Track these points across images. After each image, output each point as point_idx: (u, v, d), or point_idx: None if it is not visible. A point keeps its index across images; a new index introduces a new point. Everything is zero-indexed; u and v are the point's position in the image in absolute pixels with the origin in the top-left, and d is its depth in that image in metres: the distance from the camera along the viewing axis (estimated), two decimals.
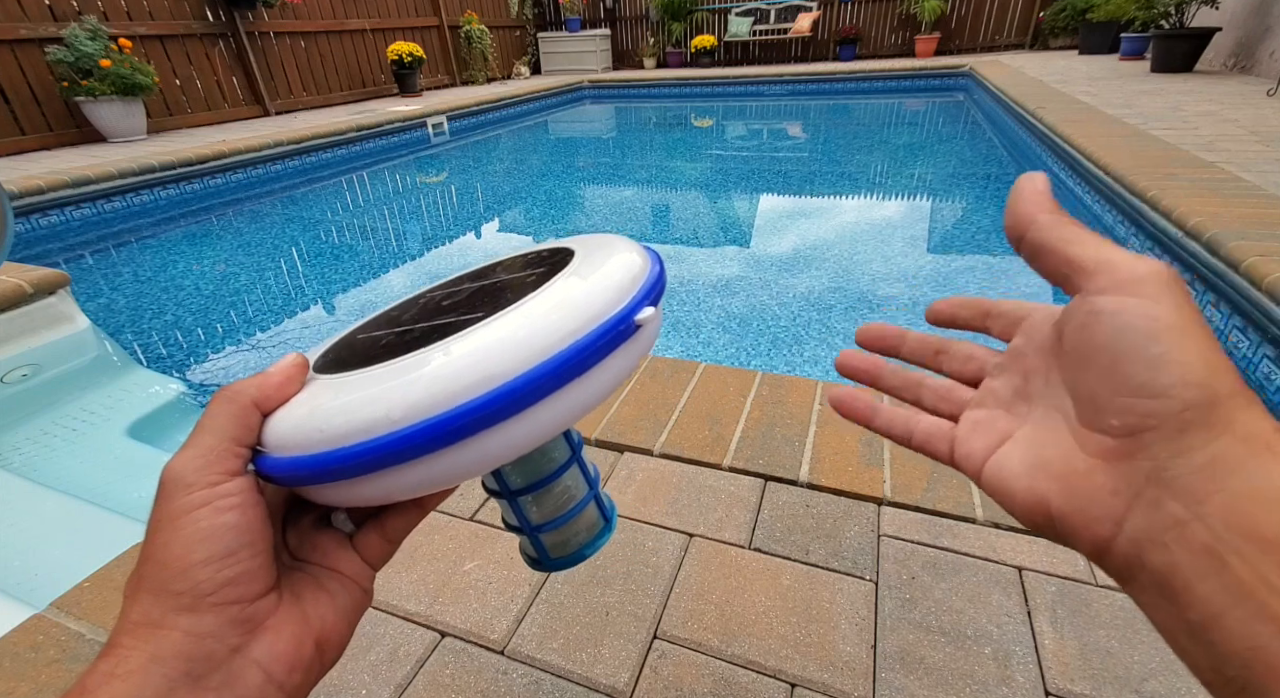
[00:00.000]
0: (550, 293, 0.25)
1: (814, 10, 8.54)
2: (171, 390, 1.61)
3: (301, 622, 0.24)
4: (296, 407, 0.25)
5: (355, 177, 4.41)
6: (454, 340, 0.24)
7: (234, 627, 0.22)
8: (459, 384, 0.22)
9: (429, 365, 0.23)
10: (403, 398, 0.22)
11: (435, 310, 0.29)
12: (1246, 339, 1.46)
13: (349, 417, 0.22)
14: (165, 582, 0.21)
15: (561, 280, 0.26)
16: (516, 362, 0.23)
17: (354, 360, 0.26)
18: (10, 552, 1.05)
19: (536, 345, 0.23)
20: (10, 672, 0.68)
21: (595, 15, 9.72)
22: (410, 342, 0.26)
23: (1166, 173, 2.15)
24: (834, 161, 4.37)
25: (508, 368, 0.22)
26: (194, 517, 0.22)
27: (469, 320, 0.25)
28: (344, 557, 0.28)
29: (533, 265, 0.30)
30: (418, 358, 0.24)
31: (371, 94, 6.95)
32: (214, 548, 0.22)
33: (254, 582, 0.23)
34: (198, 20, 5.21)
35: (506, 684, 0.66)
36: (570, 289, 0.26)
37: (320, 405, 0.24)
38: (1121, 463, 0.19)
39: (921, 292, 2.11)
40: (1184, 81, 4.59)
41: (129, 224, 3.36)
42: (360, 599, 0.28)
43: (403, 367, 0.23)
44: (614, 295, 0.26)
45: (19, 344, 1.57)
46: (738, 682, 0.65)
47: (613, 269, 0.27)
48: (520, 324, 0.24)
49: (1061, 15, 7.27)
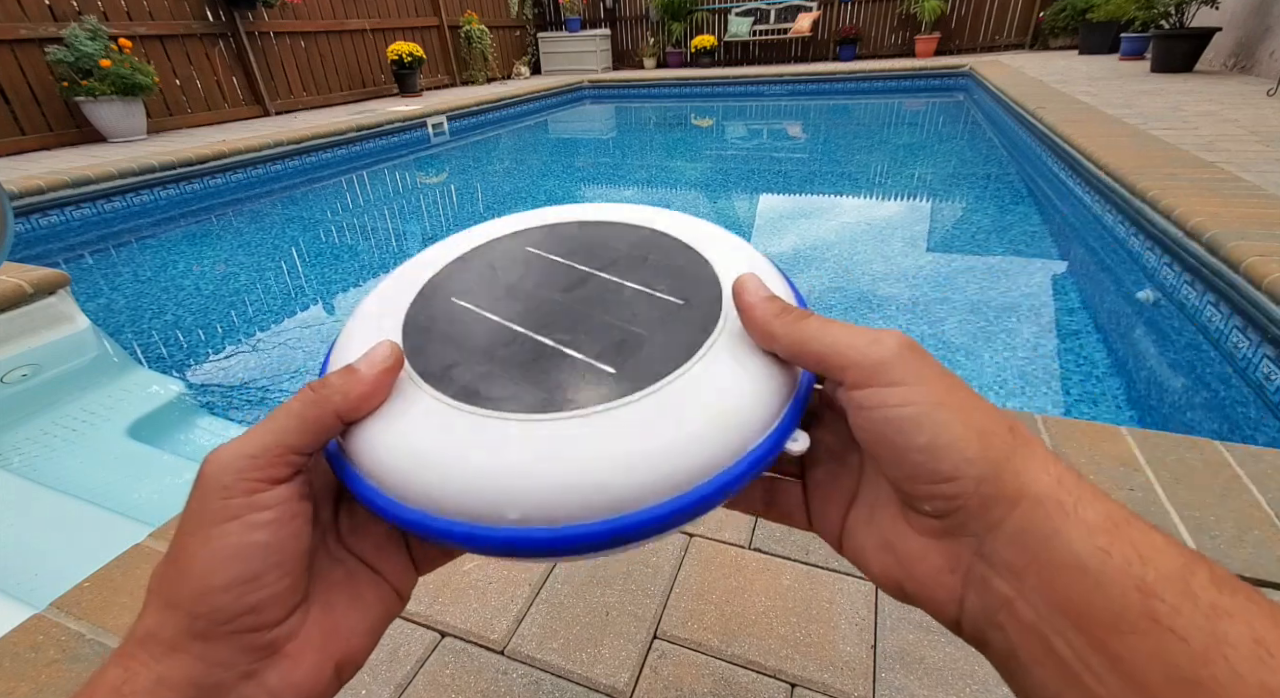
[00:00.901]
0: (708, 387, 0.21)
1: (814, 10, 8.54)
2: (171, 390, 1.61)
3: (325, 645, 0.22)
4: (398, 432, 0.21)
5: (355, 177, 4.41)
6: (592, 421, 0.20)
7: (249, 654, 0.20)
8: (600, 501, 0.19)
9: (566, 464, 0.20)
10: (531, 501, 0.19)
11: (554, 310, 0.25)
12: (1246, 339, 1.46)
13: (463, 499, 0.20)
14: (183, 599, 0.20)
15: (718, 365, 0.22)
16: (666, 488, 0.20)
17: (465, 364, 0.23)
18: (10, 552, 1.05)
19: (693, 468, 0.20)
20: (10, 672, 0.68)
21: (595, 15, 9.72)
22: (530, 367, 0.22)
23: (1167, 173, 2.15)
24: (834, 162, 4.37)
25: (652, 493, 0.19)
26: (223, 530, 0.20)
27: (603, 372, 0.22)
28: (393, 555, 0.26)
29: (667, 278, 0.26)
30: (551, 442, 0.20)
31: (371, 94, 6.95)
32: (239, 570, 0.20)
33: (278, 607, 0.21)
34: (198, 20, 5.20)
35: (506, 684, 0.66)
36: (730, 390, 0.21)
37: (430, 458, 0.20)
38: (948, 541, 0.20)
39: (921, 292, 2.11)
40: (1184, 81, 4.59)
41: (129, 224, 3.36)
42: (393, 609, 0.25)
43: (535, 449, 0.20)
44: (775, 400, 0.22)
45: (19, 344, 1.57)
46: (738, 682, 0.65)
47: (758, 370, 0.22)
48: (676, 437, 0.20)
49: (1061, 15, 7.27)
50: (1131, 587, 0.16)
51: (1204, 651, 0.15)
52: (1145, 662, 0.15)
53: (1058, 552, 0.17)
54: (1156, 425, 1.42)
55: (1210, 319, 1.63)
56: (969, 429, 0.19)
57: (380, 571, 0.25)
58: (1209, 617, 0.15)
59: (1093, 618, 0.16)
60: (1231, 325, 1.53)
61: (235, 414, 1.62)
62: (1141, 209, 2.01)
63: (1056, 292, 2.06)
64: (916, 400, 0.19)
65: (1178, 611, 0.15)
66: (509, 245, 0.30)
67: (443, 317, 0.26)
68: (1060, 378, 1.58)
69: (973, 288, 2.11)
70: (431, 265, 0.29)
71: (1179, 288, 1.80)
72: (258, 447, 0.21)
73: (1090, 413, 1.46)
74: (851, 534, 0.24)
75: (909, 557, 0.21)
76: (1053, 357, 1.67)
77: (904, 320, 1.91)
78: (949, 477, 0.19)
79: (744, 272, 0.25)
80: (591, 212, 0.32)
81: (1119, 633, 0.16)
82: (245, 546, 0.20)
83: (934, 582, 0.20)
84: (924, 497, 0.20)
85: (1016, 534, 0.18)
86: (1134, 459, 0.90)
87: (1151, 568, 0.16)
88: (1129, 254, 2.14)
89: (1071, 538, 0.17)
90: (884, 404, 0.20)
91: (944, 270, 2.30)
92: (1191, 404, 1.50)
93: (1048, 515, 0.18)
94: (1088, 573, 0.16)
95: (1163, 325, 1.80)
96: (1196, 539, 0.77)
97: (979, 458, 0.19)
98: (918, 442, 0.19)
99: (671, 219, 0.31)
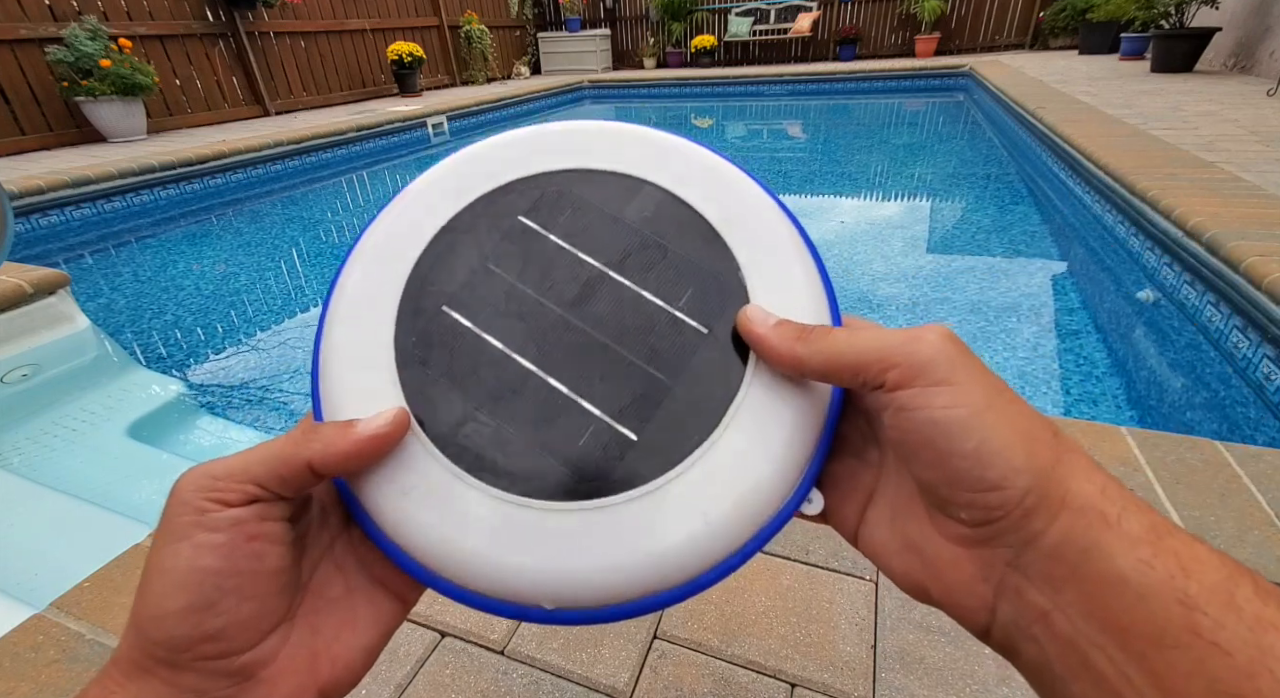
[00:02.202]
0: (733, 467, 0.21)
1: (814, 10, 8.54)
2: (171, 390, 1.61)
3: (308, 669, 0.21)
4: (421, 509, 0.21)
5: (355, 177, 4.41)
6: (619, 513, 0.21)
7: (219, 679, 0.19)
8: (629, 591, 0.20)
9: (597, 559, 0.20)
10: (564, 595, 0.20)
11: (564, 336, 0.23)
12: (1246, 339, 1.46)
13: (494, 587, 0.20)
14: (143, 622, 0.19)
15: (743, 436, 0.22)
16: (689, 573, 0.20)
17: (475, 420, 0.22)
18: (10, 552, 1.05)
19: (715, 551, 0.20)
20: (10, 672, 0.68)
21: (595, 15, 9.72)
22: (547, 427, 0.22)
23: (1167, 173, 2.15)
24: (834, 161, 4.37)
25: (676, 578, 0.20)
26: (175, 551, 0.19)
27: (626, 439, 0.21)
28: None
29: (690, 284, 0.24)
30: (581, 539, 0.20)
31: (371, 94, 6.95)
32: (190, 598, 0.19)
33: (245, 633, 0.20)
34: (198, 20, 5.20)
35: (506, 685, 0.66)
36: (754, 467, 0.21)
37: (459, 545, 0.21)
38: (981, 550, 0.19)
39: (921, 292, 2.11)
40: (1184, 81, 4.59)
41: (129, 224, 3.36)
42: (390, 626, 0.24)
43: (565, 547, 0.20)
44: (799, 464, 0.22)
45: (19, 344, 1.57)
46: (738, 682, 0.65)
47: (800, 413, 0.22)
48: (701, 531, 0.21)
49: (1061, 15, 7.27)
50: (1174, 601, 0.16)
51: (1248, 664, 0.15)
52: (1187, 677, 0.15)
53: (1099, 564, 0.17)
54: (1156, 425, 1.42)
55: (1210, 319, 1.63)
56: (1016, 435, 0.18)
57: (387, 576, 0.24)
58: (1253, 630, 0.15)
59: (1134, 632, 0.16)
60: (1231, 325, 1.53)
61: (235, 414, 1.62)
62: (1141, 209, 2.01)
63: (1056, 292, 2.06)
64: (965, 402, 0.19)
65: (1221, 624, 0.15)
66: (499, 214, 0.26)
67: (439, 336, 0.23)
68: (1060, 378, 1.58)
69: (973, 288, 2.11)
70: (414, 238, 0.25)
71: (1179, 288, 1.80)
72: (223, 470, 0.20)
73: (1090, 413, 1.46)
74: (870, 532, 0.23)
75: (938, 563, 0.20)
76: (1053, 357, 1.67)
77: (904, 320, 1.91)
78: (995, 486, 0.18)
79: (762, 291, 0.24)
80: (586, 148, 0.27)
81: (1161, 648, 0.15)
82: (195, 570, 0.19)
83: (964, 590, 0.20)
84: (963, 504, 0.19)
85: (1056, 547, 0.17)
86: (1134, 459, 0.90)
87: (1194, 581, 0.16)
88: (1129, 254, 2.14)
89: (1114, 551, 0.17)
90: (930, 405, 0.19)
91: (944, 270, 2.30)
92: (1191, 404, 1.50)
93: (1089, 526, 0.17)
94: (1129, 586, 0.16)
95: (1163, 325, 1.80)
96: None
97: (1026, 468, 0.18)
98: (964, 447, 0.18)
99: (684, 166, 0.26)
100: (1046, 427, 0.19)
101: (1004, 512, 0.18)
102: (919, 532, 0.21)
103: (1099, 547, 0.17)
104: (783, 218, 0.26)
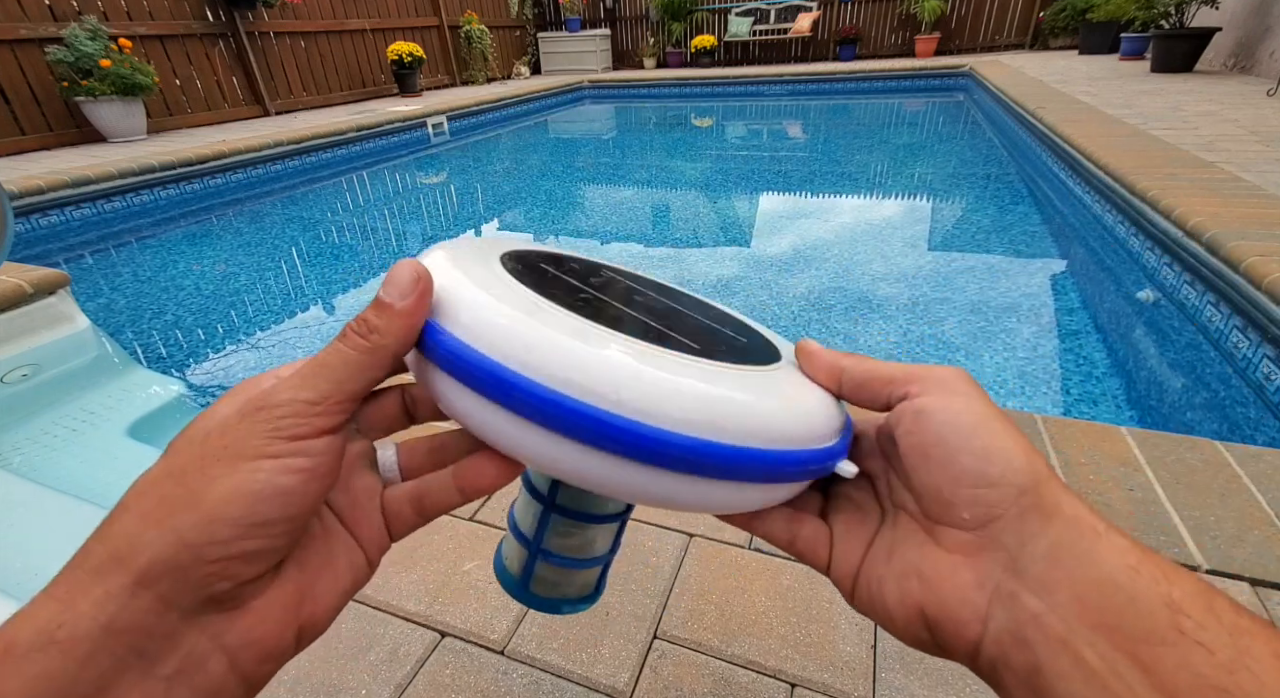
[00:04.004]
0: (790, 384, 0.24)
1: (814, 10, 8.54)
2: (171, 390, 1.61)
3: (293, 605, 0.21)
4: (505, 303, 0.21)
5: (355, 177, 4.41)
6: (701, 364, 0.22)
7: (210, 604, 0.18)
8: (701, 416, 0.20)
9: (694, 373, 0.21)
10: (647, 392, 0.19)
11: (634, 304, 0.26)
12: (1246, 339, 1.46)
13: (578, 372, 0.19)
14: (183, 523, 0.18)
15: (794, 374, 0.25)
16: (767, 435, 0.21)
17: (583, 304, 0.23)
18: (10, 552, 1.05)
19: (772, 431, 0.21)
20: None
21: (595, 15, 9.72)
22: (646, 327, 0.24)
23: (1167, 173, 2.15)
24: (834, 161, 4.37)
25: (759, 435, 0.21)
26: (255, 466, 0.18)
27: (695, 349, 0.23)
28: (369, 514, 0.24)
29: (727, 323, 0.29)
30: (680, 358, 0.21)
31: (371, 94, 6.95)
32: (257, 510, 0.18)
33: (264, 561, 0.19)
34: (198, 20, 5.21)
35: (506, 685, 0.66)
36: (806, 395, 0.24)
37: (543, 333, 0.20)
38: (980, 556, 0.21)
39: (921, 292, 2.11)
40: (1184, 81, 4.59)
41: (129, 224, 3.36)
42: (360, 577, 0.24)
43: (662, 356, 0.21)
44: (837, 418, 0.25)
45: (19, 344, 1.57)
46: (738, 682, 0.65)
47: (823, 396, 0.25)
48: (789, 399, 0.23)
49: (1061, 15, 7.27)
50: (1160, 603, 0.17)
51: (1229, 662, 0.16)
52: (1174, 671, 0.16)
53: (1091, 569, 0.18)
54: (1156, 425, 1.42)
55: (1210, 319, 1.63)
56: (1016, 443, 0.21)
57: (354, 531, 0.24)
58: (1232, 634, 0.17)
59: (1124, 631, 0.17)
60: (1231, 325, 1.53)
61: None
62: (1141, 209, 2.01)
63: (1056, 292, 2.06)
64: (975, 410, 0.22)
65: (1203, 626, 0.17)
66: (550, 256, 0.29)
67: (532, 268, 0.26)
68: (1060, 378, 1.58)
69: (973, 288, 2.11)
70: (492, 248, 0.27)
71: (1179, 288, 1.80)
72: (316, 393, 0.20)
73: (1090, 413, 1.46)
74: (867, 574, 0.25)
75: (936, 576, 0.21)
76: (1053, 357, 1.67)
77: (904, 320, 1.91)
78: (994, 482, 0.20)
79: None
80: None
81: (1150, 644, 0.17)
82: (272, 487, 0.18)
83: (959, 600, 0.21)
84: (966, 502, 0.21)
85: (1051, 550, 0.19)
86: (1134, 459, 0.90)
87: (1177, 587, 0.17)
88: (1129, 254, 2.14)
89: (1105, 556, 0.18)
90: (948, 408, 0.22)
91: (944, 270, 2.30)
92: (1191, 404, 1.50)
93: (1082, 535, 0.19)
94: (1120, 589, 0.18)
95: (1163, 325, 1.80)
96: (1196, 539, 0.77)
97: (1024, 468, 0.20)
98: (973, 444, 0.21)
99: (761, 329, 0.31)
100: (1039, 455, 0.22)
101: (1001, 509, 0.20)
102: (919, 554, 0.23)
103: (1092, 553, 0.18)
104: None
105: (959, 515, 0.21)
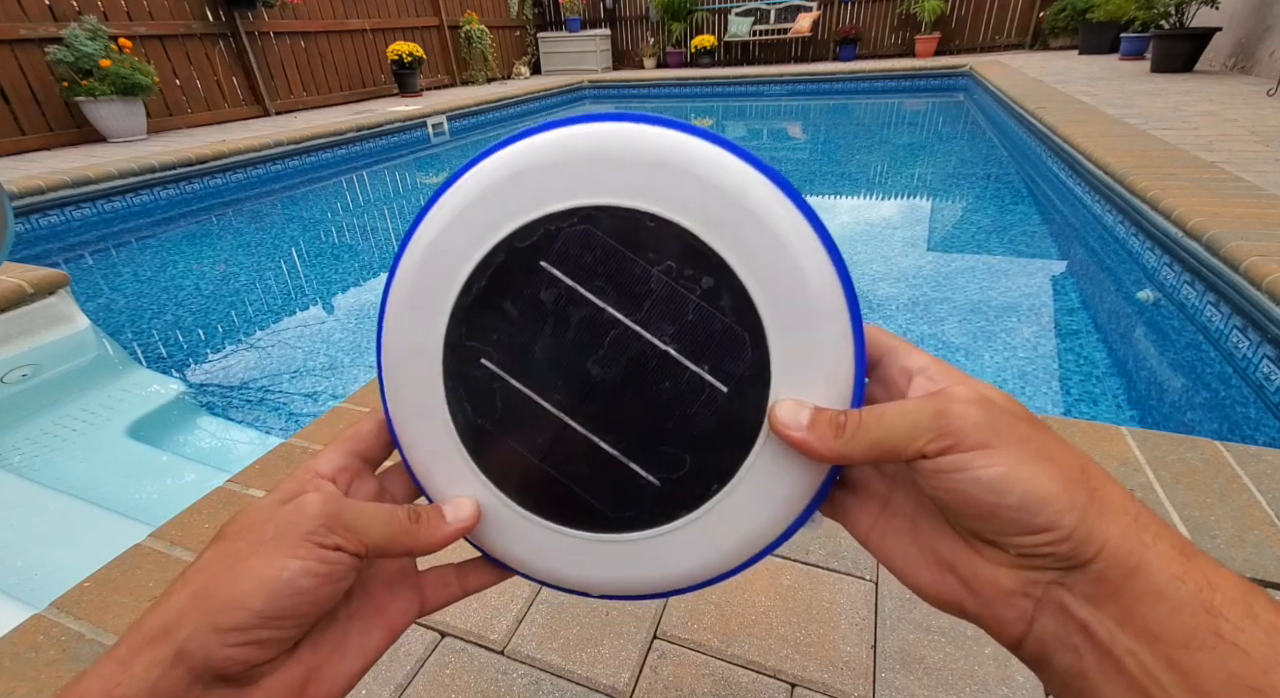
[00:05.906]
0: (741, 512, 0.26)
1: (814, 10, 8.54)
2: (171, 390, 1.61)
3: (298, 685, 0.23)
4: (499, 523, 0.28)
5: (355, 177, 4.41)
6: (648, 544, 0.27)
7: (227, 680, 0.21)
8: (650, 589, 0.28)
9: (631, 574, 0.28)
10: (604, 589, 0.29)
11: (597, 394, 0.26)
12: (1246, 339, 1.46)
13: (551, 576, 0.29)
14: (216, 603, 0.21)
15: (750, 492, 0.26)
16: (695, 580, 0.28)
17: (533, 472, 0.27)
18: (10, 552, 1.05)
19: (720, 566, 0.27)
20: (10, 672, 0.68)
21: (595, 15, 9.72)
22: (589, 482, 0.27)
23: (1166, 173, 2.15)
24: (834, 162, 4.37)
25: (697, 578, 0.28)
26: (283, 564, 0.21)
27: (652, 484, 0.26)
28: (403, 592, 0.28)
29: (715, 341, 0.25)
30: (619, 560, 0.28)
31: (371, 94, 6.95)
32: (272, 605, 0.21)
33: (275, 648, 0.22)
34: (198, 20, 5.20)
35: (506, 685, 0.66)
36: (760, 513, 0.26)
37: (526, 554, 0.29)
38: (1025, 570, 0.21)
39: (921, 292, 2.11)
40: (1184, 82, 4.59)
41: (129, 224, 3.36)
42: (375, 653, 0.26)
43: (609, 565, 0.28)
44: (803, 504, 0.26)
45: (19, 344, 1.57)
46: (738, 682, 0.65)
47: (807, 468, 0.25)
48: (711, 559, 0.27)
49: (1061, 15, 7.27)
50: (1201, 610, 0.18)
51: (1263, 662, 0.17)
52: (1210, 673, 0.17)
53: (1140, 582, 0.19)
54: (1156, 425, 1.42)
55: (1210, 319, 1.63)
56: (1054, 482, 0.20)
57: (385, 605, 0.27)
58: (1269, 634, 0.17)
59: (1165, 638, 0.18)
60: (1231, 325, 1.53)
61: (235, 414, 1.62)
62: (1141, 209, 2.01)
63: (1056, 291, 2.06)
64: (1001, 461, 0.20)
65: (1240, 629, 0.17)
66: (524, 258, 0.26)
67: (486, 396, 0.27)
68: (1060, 378, 1.58)
69: (973, 288, 2.11)
70: (447, 285, 0.26)
71: (1179, 288, 1.80)
72: (349, 527, 0.23)
73: (1090, 413, 1.46)
74: (888, 542, 0.25)
75: (977, 581, 0.22)
76: (1053, 357, 1.67)
77: (904, 320, 1.91)
78: (1044, 529, 0.20)
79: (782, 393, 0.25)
80: (614, 177, 0.25)
81: (1188, 650, 0.18)
82: (291, 586, 0.21)
83: (1003, 603, 0.21)
84: (1014, 545, 0.21)
85: (1102, 571, 0.19)
86: (1134, 459, 0.90)
87: (1219, 593, 0.18)
88: (1129, 254, 2.14)
89: (1153, 570, 0.19)
90: (969, 467, 0.20)
91: (944, 270, 2.30)
92: (1191, 404, 1.50)
93: (1131, 552, 0.19)
94: (1165, 599, 0.18)
95: (1162, 325, 1.80)
96: (1196, 539, 0.77)
97: (1069, 508, 0.20)
98: (1009, 501, 0.20)
99: (719, 207, 0.25)
100: (1076, 461, 0.21)
101: (1051, 548, 0.20)
102: (952, 551, 0.23)
103: (1140, 568, 0.19)
104: (810, 249, 0.25)
105: (1006, 550, 0.21)
